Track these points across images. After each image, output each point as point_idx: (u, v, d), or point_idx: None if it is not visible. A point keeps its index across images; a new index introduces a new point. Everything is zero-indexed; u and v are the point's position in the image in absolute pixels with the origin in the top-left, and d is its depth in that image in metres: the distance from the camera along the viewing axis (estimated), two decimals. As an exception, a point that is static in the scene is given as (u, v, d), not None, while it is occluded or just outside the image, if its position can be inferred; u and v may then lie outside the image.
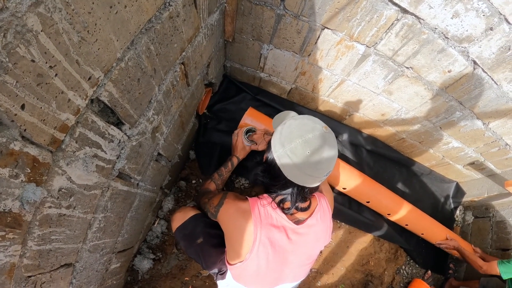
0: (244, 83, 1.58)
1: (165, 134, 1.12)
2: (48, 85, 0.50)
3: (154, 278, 1.49)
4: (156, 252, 1.48)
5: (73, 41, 0.51)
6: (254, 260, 0.82)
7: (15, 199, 0.54)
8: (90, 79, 0.60)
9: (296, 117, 0.81)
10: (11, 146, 0.48)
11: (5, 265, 0.57)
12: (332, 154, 0.74)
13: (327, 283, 1.65)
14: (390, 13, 1.00)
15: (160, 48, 0.81)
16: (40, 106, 0.50)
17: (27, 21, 0.42)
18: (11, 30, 0.41)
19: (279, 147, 0.76)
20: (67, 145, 0.61)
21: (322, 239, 0.90)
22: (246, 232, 0.81)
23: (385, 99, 1.42)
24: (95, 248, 0.94)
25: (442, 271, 1.86)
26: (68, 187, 0.67)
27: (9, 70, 0.42)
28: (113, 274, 1.23)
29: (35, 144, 0.53)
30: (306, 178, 0.74)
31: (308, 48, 1.23)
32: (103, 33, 0.57)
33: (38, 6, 0.43)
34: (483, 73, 1.11)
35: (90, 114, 0.65)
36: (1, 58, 0.41)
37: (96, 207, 0.84)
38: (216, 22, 1.10)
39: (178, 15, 0.82)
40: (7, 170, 0.49)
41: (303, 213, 0.86)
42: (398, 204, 1.57)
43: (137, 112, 0.83)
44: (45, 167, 0.58)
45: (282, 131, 0.77)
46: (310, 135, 0.72)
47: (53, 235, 0.69)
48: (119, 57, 0.66)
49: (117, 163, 0.84)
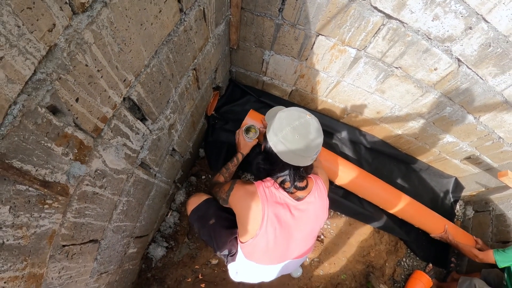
0: (248, 87, 1.73)
1: (179, 132, 1.28)
2: (96, 84, 0.66)
3: (166, 266, 1.62)
4: (169, 240, 1.62)
5: (115, 51, 0.67)
6: (264, 236, 0.94)
7: (64, 173, 0.67)
8: (125, 81, 0.75)
9: (284, 110, 0.95)
10: (65, 130, 0.63)
11: (47, 231, 0.68)
12: (317, 135, 0.89)
13: (329, 273, 1.73)
14: (376, 19, 1.13)
15: (177, 56, 0.96)
16: (89, 100, 0.66)
17: (84, 35, 0.58)
18: (73, 42, 0.56)
19: (273, 136, 0.90)
20: (105, 133, 0.76)
21: (321, 215, 1.02)
22: (255, 210, 0.93)
23: (379, 97, 1.53)
24: (117, 229, 1.07)
25: (443, 265, 1.91)
26: (102, 169, 0.82)
27: (70, 71, 0.58)
28: (130, 259, 1.36)
29: (82, 130, 0.68)
30: (299, 159, 0.88)
31: (305, 53, 1.37)
32: (135, 45, 0.73)
33: (92, 25, 0.59)
34: (467, 69, 1.21)
35: (123, 110, 0.80)
36: (66, 62, 0.56)
37: (121, 191, 0.98)
38: (222, 32, 1.26)
39: (191, 28, 0.98)
40: (60, 149, 0.63)
41: (302, 191, 0.98)
42: (392, 195, 1.66)
43: (157, 110, 0.99)
44: (88, 149, 0.73)
45: (274, 123, 0.91)
46: (297, 122, 0.86)
47: (87, 210, 0.82)
48: (146, 64, 0.81)
49: (140, 153, 1.00)
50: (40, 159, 0.58)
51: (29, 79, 0.51)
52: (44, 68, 0.53)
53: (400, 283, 1.84)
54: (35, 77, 0.52)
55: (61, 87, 0.57)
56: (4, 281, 0.59)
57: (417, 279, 1.76)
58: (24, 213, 0.59)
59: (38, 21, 0.47)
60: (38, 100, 0.54)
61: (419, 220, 1.73)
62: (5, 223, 0.55)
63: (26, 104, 0.51)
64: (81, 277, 0.92)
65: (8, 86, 0.47)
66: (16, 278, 0.62)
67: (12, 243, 0.58)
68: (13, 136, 0.51)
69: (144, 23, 0.73)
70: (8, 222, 0.56)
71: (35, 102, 0.53)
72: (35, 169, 0.58)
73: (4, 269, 0.58)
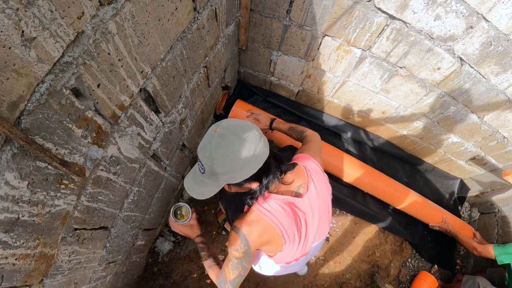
0: (256, 87, 1.76)
1: (189, 127, 1.30)
2: (116, 73, 0.69)
3: (173, 261, 1.62)
4: (176, 235, 1.63)
5: (135, 43, 0.70)
6: (290, 245, 0.87)
7: (82, 155, 0.69)
8: (142, 73, 0.78)
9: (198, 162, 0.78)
10: (86, 113, 0.65)
11: (61, 211, 0.69)
12: (237, 139, 0.72)
13: (335, 271, 1.71)
14: (380, 20, 1.15)
15: (190, 53, 1.00)
16: (109, 87, 0.69)
17: (108, 26, 0.61)
18: (99, 31, 0.59)
19: (216, 178, 0.74)
20: (122, 121, 0.79)
21: (326, 193, 0.94)
22: (271, 231, 0.83)
23: (384, 97, 1.54)
24: (127, 218, 1.08)
25: (449, 267, 1.86)
26: (117, 156, 0.84)
27: (94, 58, 0.61)
28: (138, 251, 1.37)
29: (101, 115, 0.71)
30: (248, 167, 0.73)
31: (312, 53, 1.40)
32: (153, 39, 0.76)
33: (116, 16, 0.62)
34: (470, 68, 1.21)
35: (139, 100, 0.83)
36: (91, 48, 0.59)
37: (133, 180, 1.00)
38: (232, 32, 1.29)
39: (203, 27, 1.01)
40: (80, 131, 0.65)
41: (298, 181, 0.87)
42: (390, 184, 1.66)
43: (170, 103, 1.01)
44: (105, 135, 0.75)
45: (211, 168, 0.73)
46: (213, 148, 0.71)
47: (100, 195, 0.83)
48: (162, 57, 0.84)
49: (153, 144, 1.02)
50: (60, 138, 0.60)
51: (57, 61, 0.53)
52: (71, 52, 0.56)
53: (405, 284, 1.80)
54: (62, 59, 0.54)
55: (85, 72, 0.60)
56: (16, 257, 0.60)
57: (422, 279, 1.72)
58: (41, 190, 0.60)
59: (69, 8, 0.50)
60: (63, 82, 0.56)
61: (416, 208, 1.70)
62: (22, 199, 0.56)
63: (52, 84, 0.54)
64: (90, 263, 0.93)
65: (38, 65, 0.50)
66: (27, 256, 0.63)
67: (26, 219, 0.59)
68: (38, 113, 0.53)
69: (162, 19, 0.76)
70: (25, 198, 0.57)
71: (61, 83, 0.56)
72: (55, 148, 0.60)
73: (17, 245, 0.59)
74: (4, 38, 0.42)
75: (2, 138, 0.48)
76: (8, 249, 0.57)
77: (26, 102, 0.50)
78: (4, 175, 0.51)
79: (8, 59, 0.44)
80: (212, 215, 1.69)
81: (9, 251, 0.57)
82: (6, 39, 0.42)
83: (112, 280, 1.18)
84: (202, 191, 0.77)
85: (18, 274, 0.62)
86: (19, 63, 0.46)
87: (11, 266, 0.59)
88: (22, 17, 0.44)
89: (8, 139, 0.50)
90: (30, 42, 0.47)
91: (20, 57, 0.46)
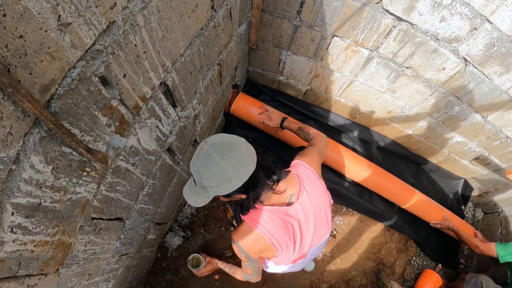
0: (265, 86, 1.77)
1: (202, 123, 1.31)
2: (141, 64, 0.70)
3: (181, 257, 1.61)
4: (186, 230, 1.62)
5: (159, 37, 0.71)
6: (283, 252, 0.90)
7: (105, 143, 0.69)
8: (164, 66, 0.79)
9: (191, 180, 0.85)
10: (111, 102, 0.66)
11: (82, 199, 0.68)
12: (221, 157, 0.75)
13: (341, 268, 1.69)
14: (388, 21, 1.17)
15: (206, 50, 1.01)
16: (134, 78, 0.69)
17: (137, 18, 0.62)
18: (128, 22, 0.60)
19: (205, 190, 0.79)
20: (143, 112, 0.80)
21: (321, 199, 0.94)
22: (262, 242, 0.87)
23: (390, 97, 1.55)
24: (141, 210, 1.08)
25: (453, 266, 1.85)
26: (136, 147, 0.84)
27: (122, 48, 0.62)
28: (149, 245, 1.37)
29: (125, 105, 0.71)
30: (233, 182, 0.76)
31: (321, 53, 1.41)
32: (175, 34, 0.77)
33: (144, 10, 0.63)
34: (474, 68, 1.22)
35: (159, 93, 0.84)
36: (120, 39, 0.60)
37: (149, 172, 1.00)
38: (243, 32, 1.31)
39: (219, 25, 1.02)
40: (105, 119, 0.65)
41: (290, 189, 0.89)
42: (392, 182, 1.66)
43: (187, 98, 1.02)
44: (127, 125, 0.75)
45: (200, 182, 0.78)
46: (200, 164, 0.77)
47: (118, 185, 0.83)
48: (182, 53, 0.85)
49: (169, 137, 1.02)
50: (86, 125, 0.61)
51: (89, 48, 0.54)
52: (102, 40, 0.56)
53: (410, 282, 1.78)
54: (94, 47, 0.55)
55: (113, 61, 0.61)
56: (34, 244, 0.59)
57: (427, 277, 1.71)
58: (64, 176, 0.60)
59: (103, -3, 0.51)
60: (93, 69, 0.57)
61: (420, 208, 1.69)
62: (45, 183, 0.56)
63: (83, 70, 0.55)
64: (104, 254, 0.93)
65: (71, 50, 0.50)
66: (46, 243, 0.62)
67: (48, 205, 0.58)
68: (67, 98, 0.53)
69: (183, 15, 0.78)
70: (49, 183, 0.56)
71: (91, 70, 0.57)
72: (81, 134, 0.60)
73: (37, 231, 0.58)
74: (41, 21, 0.43)
75: (31, 121, 0.48)
76: (28, 235, 0.56)
77: (57, 86, 0.50)
78: (30, 158, 0.50)
79: (44, 42, 0.44)
80: (221, 211, 1.69)
81: (28, 237, 0.56)
82: (44, 22, 0.43)
83: (124, 273, 1.18)
84: (197, 199, 0.84)
85: (36, 262, 0.61)
86: (54, 47, 0.46)
87: (29, 253, 0.58)
88: (60, 2, 0.44)
89: (37, 122, 0.49)
90: (66, 27, 0.47)
91: (55, 40, 0.46)
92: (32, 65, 0.44)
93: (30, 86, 0.45)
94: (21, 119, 0.46)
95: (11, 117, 0.44)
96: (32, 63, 0.44)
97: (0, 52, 0.39)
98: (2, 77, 0.38)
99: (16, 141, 0.47)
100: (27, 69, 0.44)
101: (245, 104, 1.58)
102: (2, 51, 0.39)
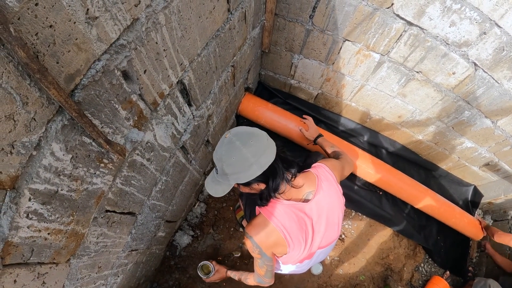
0: (276, 89, 1.76)
1: (214, 123, 1.30)
2: (160, 62, 0.69)
3: (190, 256, 1.58)
4: (195, 229, 1.60)
5: (178, 36, 0.71)
6: (294, 249, 0.88)
7: (123, 136, 0.69)
8: (182, 65, 0.79)
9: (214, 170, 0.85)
10: (131, 96, 0.66)
11: (97, 190, 0.68)
12: (242, 145, 0.75)
13: (349, 272, 1.63)
14: (398, 25, 1.14)
15: (221, 51, 1.00)
16: (153, 74, 0.69)
17: (159, 17, 0.62)
18: (151, 20, 0.60)
19: (226, 178, 0.78)
20: (160, 108, 0.79)
21: (336, 203, 0.93)
22: (276, 236, 0.85)
23: (400, 101, 1.51)
24: (153, 207, 1.07)
25: (461, 274, 1.77)
26: (152, 143, 0.84)
27: (144, 45, 0.62)
28: (158, 242, 1.35)
29: (144, 100, 0.71)
30: (253, 169, 0.76)
31: (332, 57, 1.39)
32: (193, 34, 0.77)
33: (166, 9, 0.63)
34: (483, 73, 1.18)
35: (176, 91, 0.83)
36: (142, 35, 0.60)
37: (163, 169, 0.99)
38: (257, 35, 1.31)
39: (234, 27, 1.02)
40: (124, 113, 0.65)
41: (308, 187, 0.89)
42: (405, 182, 1.63)
43: (201, 98, 1.02)
44: (145, 120, 0.75)
45: (222, 169, 0.78)
46: (223, 151, 0.76)
47: (133, 180, 0.82)
48: (199, 53, 0.85)
49: (183, 135, 1.01)
50: (107, 117, 0.60)
51: (114, 42, 0.54)
52: (126, 36, 0.56)
53: (418, 288, 1.70)
54: (118, 41, 0.55)
55: (135, 57, 0.61)
56: (48, 232, 0.58)
57: (435, 284, 1.63)
58: (82, 166, 0.59)
59: (128, -7, 0.51)
60: (117, 63, 0.57)
61: (435, 208, 1.66)
62: (64, 172, 0.55)
63: (107, 63, 0.54)
64: (115, 248, 0.91)
65: (97, 43, 0.50)
66: (59, 232, 0.61)
67: (65, 193, 0.58)
68: (91, 89, 0.53)
69: (201, 16, 0.78)
70: (67, 172, 0.56)
71: (114, 63, 0.56)
72: (101, 126, 0.60)
73: (52, 219, 0.57)
74: (71, 13, 0.43)
75: (55, 108, 0.48)
76: (43, 222, 0.55)
77: (82, 76, 0.50)
78: (51, 145, 0.50)
79: (72, 33, 0.44)
80: (230, 212, 1.66)
81: (43, 224, 0.56)
82: (73, 14, 0.43)
83: (132, 268, 1.16)
84: (217, 189, 0.84)
85: (48, 250, 0.60)
86: (81, 38, 0.46)
87: (43, 241, 0.57)
88: (89, -4, 0.44)
89: (61, 110, 0.49)
90: (93, 21, 0.47)
91: (82, 32, 0.46)
92: (60, 55, 0.44)
93: (57, 75, 0.45)
94: (45, 106, 0.46)
95: (36, 103, 0.44)
96: (59, 53, 0.44)
97: (31, 39, 0.39)
98: (31, 63, 0.37)
99: (39, 127, 0.46)
100: (54, 58, 0.43)
101: (251, 104, 1.57)
102: (33, 38, 0.39)
